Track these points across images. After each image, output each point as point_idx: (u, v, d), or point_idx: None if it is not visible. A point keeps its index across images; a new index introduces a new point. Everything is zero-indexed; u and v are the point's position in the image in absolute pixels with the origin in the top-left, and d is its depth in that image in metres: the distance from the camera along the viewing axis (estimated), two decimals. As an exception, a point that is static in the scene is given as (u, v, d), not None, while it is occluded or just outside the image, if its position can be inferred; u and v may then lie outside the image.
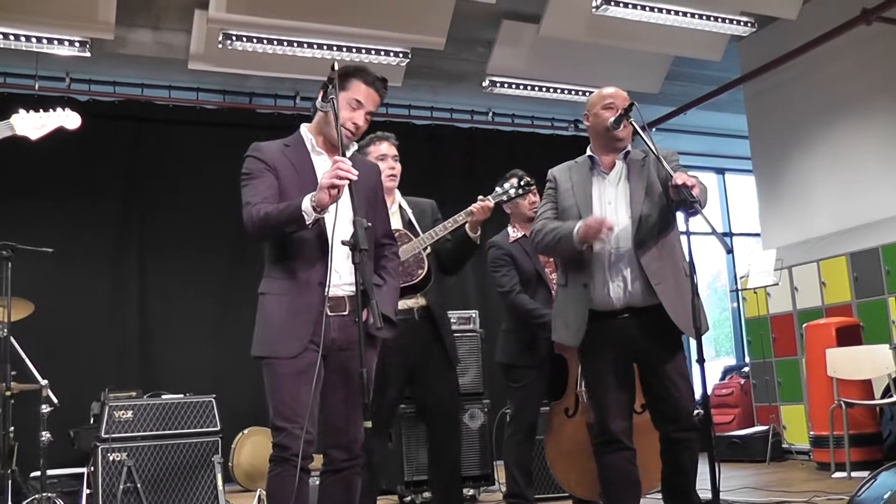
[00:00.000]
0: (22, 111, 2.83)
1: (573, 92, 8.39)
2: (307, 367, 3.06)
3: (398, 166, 4.40)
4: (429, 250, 4.31)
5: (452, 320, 6.16)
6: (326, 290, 3.09)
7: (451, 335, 4.53)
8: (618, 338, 3.70)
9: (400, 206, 4.43)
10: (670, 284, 3.56)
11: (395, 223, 4.24)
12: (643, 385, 3.81)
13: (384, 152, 4.36)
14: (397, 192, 4.47)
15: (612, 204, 3.75)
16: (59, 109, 2.97)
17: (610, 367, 3.72)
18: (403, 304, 4.17)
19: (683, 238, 3.68)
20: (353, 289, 3.07)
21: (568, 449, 4.97)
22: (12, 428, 5.26)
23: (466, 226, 4.36)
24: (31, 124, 2.83)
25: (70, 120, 2.96)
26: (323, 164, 3.23)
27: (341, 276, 3.16)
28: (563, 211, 3.82)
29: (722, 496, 3.60)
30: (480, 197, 4.37)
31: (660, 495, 3.93)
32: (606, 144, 3.79)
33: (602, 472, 3.81)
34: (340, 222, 3.06)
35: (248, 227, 3.11)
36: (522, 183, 4.48)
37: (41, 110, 2.90)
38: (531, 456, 5.02)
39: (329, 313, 3.12)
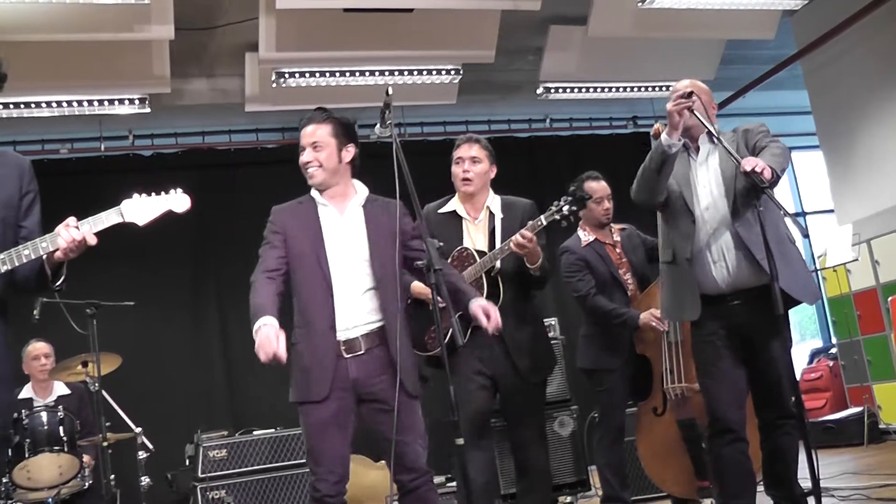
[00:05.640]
0: (136, 195, 2.86)
1: (628, 89, 8.33)
2: (335, 412, 3.34)
3: (476, 168, 4.20)
4: (498, 265, 4.07)
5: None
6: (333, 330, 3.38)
7: (528, 352, 4.11)
8: (727, 324, 3.67)
9: (489, 213, 4.25)
10: (774, 255, 3.46)
11: (480, 235, 4.18)
12: (749, 367, 3.74)
13: (459, 155, 4.24)
14: (491, 197, 4.30)
15: (705, 187, 3.74)
16: (170, 192, 2.97)
17: (721, 353, 3.68)
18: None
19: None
20: (368, 328, 3.40)
21: (660, 448, 4.92)
22: (112, 476, 5.41)
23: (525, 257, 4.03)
24: (139, 210, 2.86)
25: (179, 203, 2.98)
26: (328, 215, 3.51)
27: (352, 318, 3.39)
28: (669, 194, 3.78)
29: (822, 484, 3.52)
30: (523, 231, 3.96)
31: (761, 486, 3.86)
32: (684, 136, 3.72)
33: (715, 464, 3.76)
34: (343, 266, 3.40)
35: None
36: (570, 199, 4.00)
37: (152, 194, 2.92)
38: (623, 458, 4.98)
39: (345, 355, 3.37)
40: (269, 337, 3.14)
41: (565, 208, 3.99)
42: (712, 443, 3.75)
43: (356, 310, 3.40)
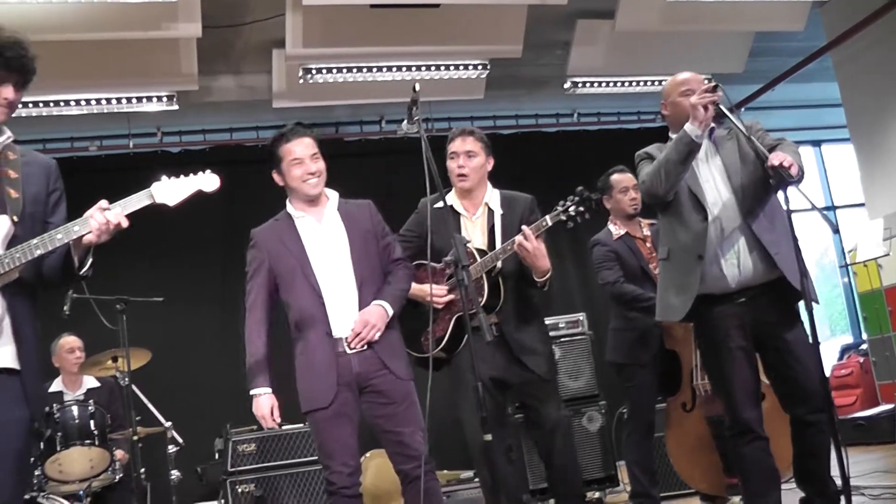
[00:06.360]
0: (164, 178, 2.87)
1: (656, 83, 8.28)
2: (341, 407, 3.48)
3: (472, 163, 4.05)
4: (500, 266, 3.95)
5: (560, 325, 6.13)
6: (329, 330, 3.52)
7: (533, 351, 3.99)
8: (737, 323, 3.61)
9: (488, 209, 4.13)
10: (786, 252, 3.45)
11: (477, 232, 4.08)
12: (766, 368, 3.71)
13: (454, 150, 4.10)
14: (489, 192, 4.16)
15: (709, 182, 3.69)
16: (199, 173, 2.98)
17: (734, 354, 3.62)
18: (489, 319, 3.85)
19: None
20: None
21: (689, 444, 4.89)
22: (143, 469, 5.47)
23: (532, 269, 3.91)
24: (169, 191, 2.88)
25: (208, 182, 2.98)
26: (306, 225, 3.66)
27: (349, 317, 3.52)
28: (677, 191, 3.73)
29: (852, 482, 3.46)
30: (524, 227, 3.84)
31: (792, 483, 3.82)
32: None
33: (738, 464, 3.74)
34: (330, 271, 3.56)
35: None
36: (577, 200, 3.93)
37: (181, 175, 2.93)
38: (652, 454, 4.96)
39: (348, 351, 3.51)
40: (265, 415, 3.53)
41: (571, 209, 3.92)
42: (733, 443, 3.72)
43: (352, 309, 3.54)
